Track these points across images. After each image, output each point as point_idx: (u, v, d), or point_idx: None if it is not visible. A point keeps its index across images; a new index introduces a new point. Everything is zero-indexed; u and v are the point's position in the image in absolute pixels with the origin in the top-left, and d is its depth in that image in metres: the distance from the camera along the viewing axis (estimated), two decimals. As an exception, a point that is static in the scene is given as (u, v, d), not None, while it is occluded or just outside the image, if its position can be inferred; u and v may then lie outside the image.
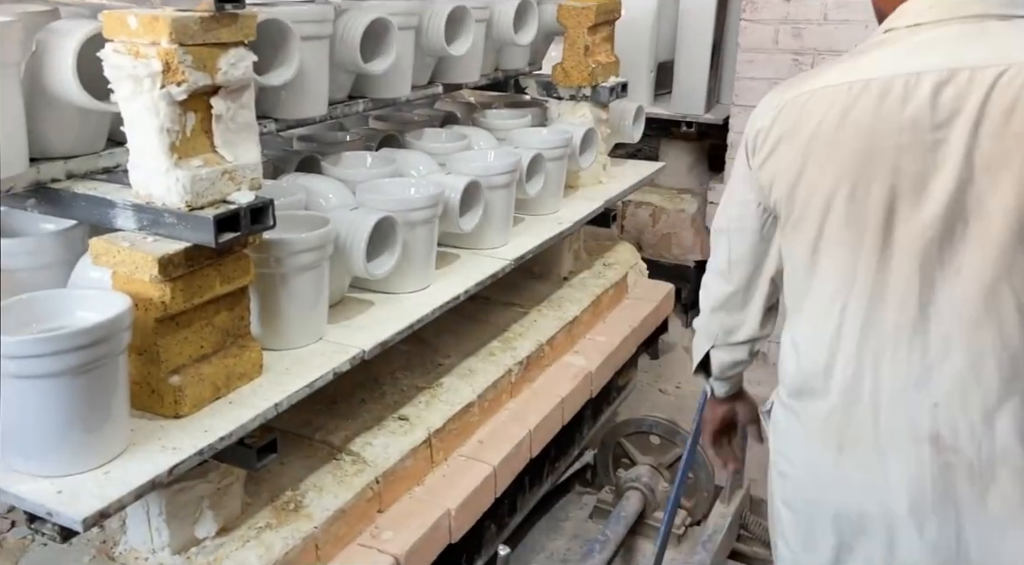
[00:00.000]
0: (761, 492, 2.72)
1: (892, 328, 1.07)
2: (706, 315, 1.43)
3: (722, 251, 1.34)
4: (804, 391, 1.21)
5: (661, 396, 3.33)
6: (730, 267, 1.34)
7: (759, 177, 1.16)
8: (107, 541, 1.42)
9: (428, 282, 1.78)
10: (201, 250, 1.19)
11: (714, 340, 1.45)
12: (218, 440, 1.19)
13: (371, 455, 1.69)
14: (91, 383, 1.08)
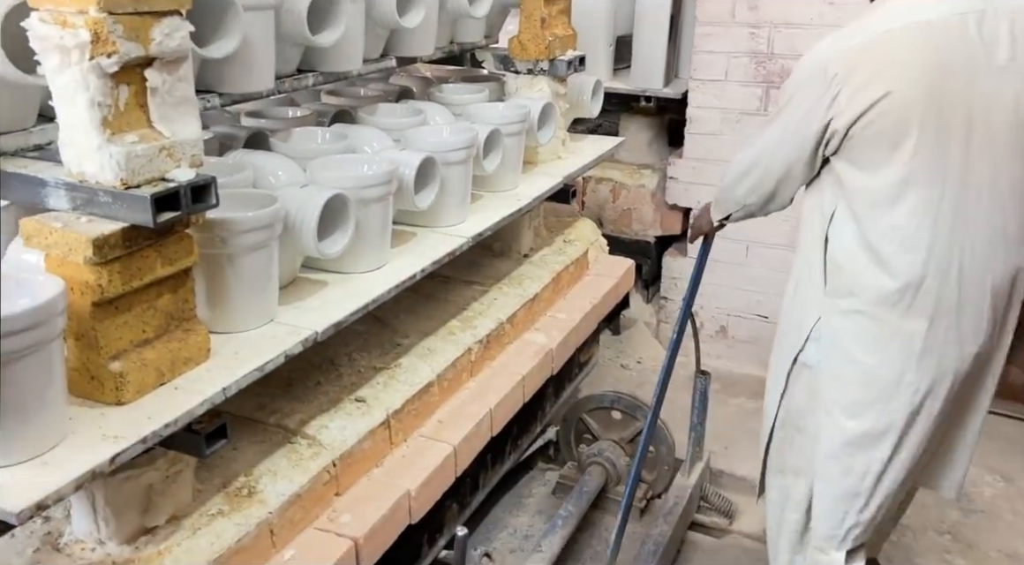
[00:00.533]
0: (721, 464, 2.75)
1: (974, 214, 1.44)
2: (736, 194, 1.71)
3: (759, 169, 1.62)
4: (895, 292, 1.49)
5: (623, 371, 3.34)
6: (762, 184, 1.63)
7: (841, 110, 1.42)
8: (52, 532, 1.37)
9: (383, 261, 1.74)
10: (139, 230, 1.13)
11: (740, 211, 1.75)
12: (163, 427, 1.15)
13: (327, 438, 1.66)
14: (23, 371, 1.03)
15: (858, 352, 1.54)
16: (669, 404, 2.68)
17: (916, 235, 1.45)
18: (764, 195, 1.66)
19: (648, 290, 3.67)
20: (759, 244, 3.16)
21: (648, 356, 3.44)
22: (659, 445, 2.61)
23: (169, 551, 1.33)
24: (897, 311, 1.49)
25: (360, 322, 2.14)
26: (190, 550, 1.34)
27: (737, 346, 3.36)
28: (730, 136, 3.09)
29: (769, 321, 3.26)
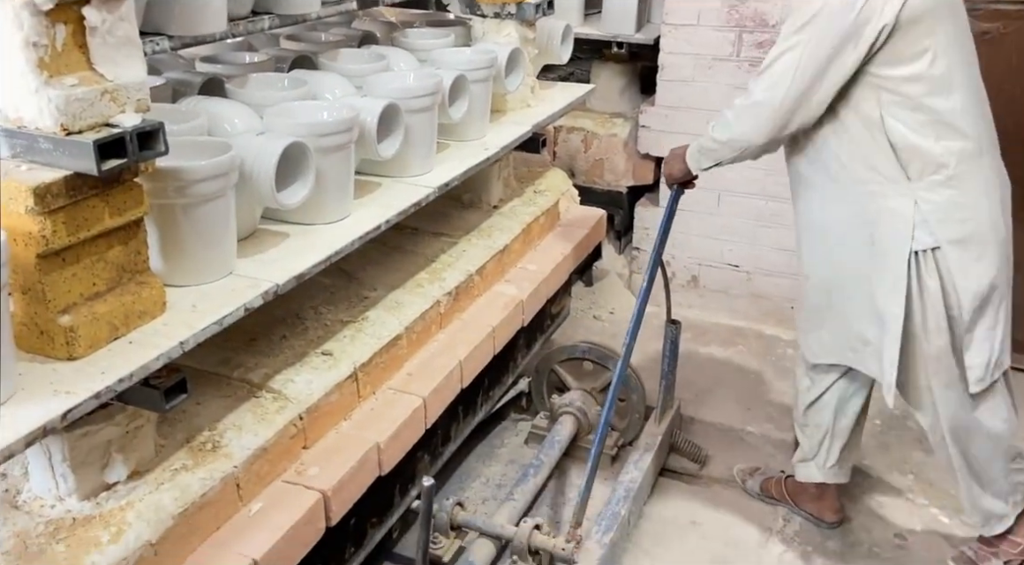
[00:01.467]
0: (692, 411, 2.76)
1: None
2: (731, 140, 1.79)
3: (783, 95, 1.70)
4: (974, 147, 1.71)
5: (595, 322, 3.34)
6: (788, 106, 1.71)
7: (879, 9, 1.59)
8: (9, 490, 1.35)
9: (346, 212, 1.70)
10: (84, 179, 1.09)
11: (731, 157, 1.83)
12: (117, 382, 1.12)
13: (293, 392, 1.64)
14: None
15: (964, 207, 1.73)
16: (641, 353, 2.70)
17: (968, 102, 1.70)
18: (775, 127, 1.73)
19: (620, 241, 3.65)
20: (730, 193, 3.14)
21: (620, 306, 3.44)
22: (630, 393, 2.62)
23: (132, 506, 1.31)
24: (976, 162, 1.72)
25: (326, 275, 2.11)
26: (154, 505, 1.33)
27: (708, 295, 3.36)
28: (703, 83, 3.04)
29: (740, 270, 3.27)
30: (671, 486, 2.51)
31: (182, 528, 1.35)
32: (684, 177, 1.97)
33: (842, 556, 2.21)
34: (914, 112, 1.68)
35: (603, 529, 2.21)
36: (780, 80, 1.70)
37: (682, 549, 2.25)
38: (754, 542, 2.28)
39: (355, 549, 1.91)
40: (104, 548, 1.24)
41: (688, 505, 2.41)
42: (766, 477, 2.44)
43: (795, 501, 2.35)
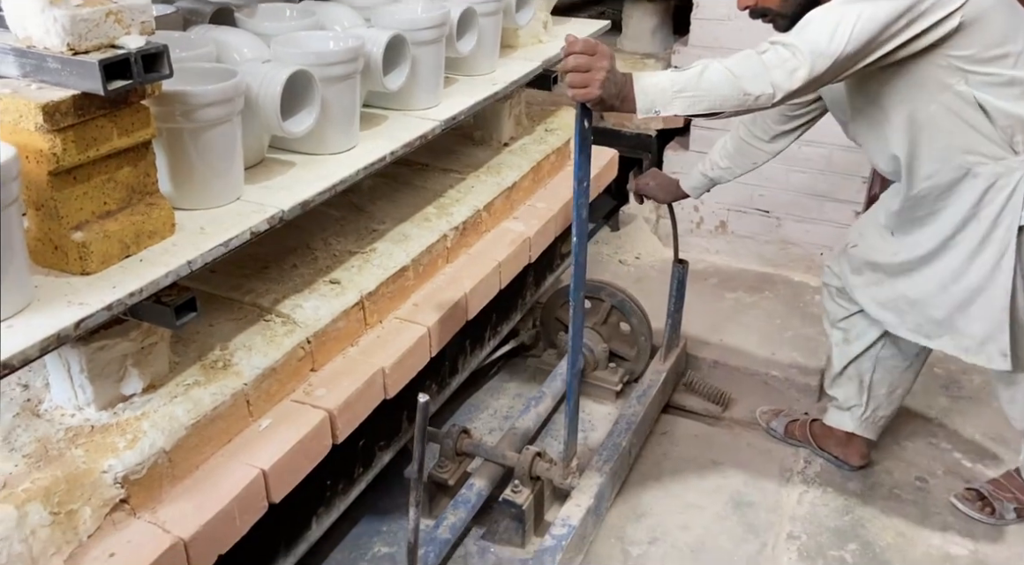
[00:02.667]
0: (716, 355, 2.79)
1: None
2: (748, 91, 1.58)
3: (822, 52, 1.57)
4: None
5: (621, 267, 3.36)
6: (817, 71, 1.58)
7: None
8: (31, 400, 1.42)
9: (352, 143, 1.72)
10: (92, 99, 1.12)
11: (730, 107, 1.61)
12: (127, 296, 1.17)
13: (301, 317, 1.69)
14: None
15: None
16: (658, 294, 2.74)
17: None
18: (809, 82, 1.58)
19: None
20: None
21: (647, 251, 3.45)
22: (638, 335, 2.67)
23: (147, 416, 1.38)
24: None
25: (337, 208, 2.15)
26: (168, 416, 1.39)
27: (737, 241, 3.34)
28: (738, 22, 2.96)
29: (770, 215, 3.23)
30: (693, 427, 2.53)
31: (194, 438, 1.42)
32: (607, 105, 1.58)
33: (862, 497, 2.24)
34: (1008, 86, 1.64)
35: (603, 459, 2.27)
36: (836, 33, 1.57)
37: (701, 487, 2.28)
38: (775, 482, 2.30)
39: (363, 470, 1.99)
40: (120, 453, 1.31)
41: (709, 446, 2.43)
42: (790, 419, 2.46)
43: (820, 443, 2.36)
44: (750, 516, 2.19)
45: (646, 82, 1.58)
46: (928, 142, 1.74)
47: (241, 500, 1.41)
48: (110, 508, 1.29)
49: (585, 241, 1.85)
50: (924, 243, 1.88)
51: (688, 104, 1.57)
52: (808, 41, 1.57)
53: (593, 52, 1.52)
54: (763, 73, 1.56)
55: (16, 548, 1.18)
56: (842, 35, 1.56)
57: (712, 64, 1.60)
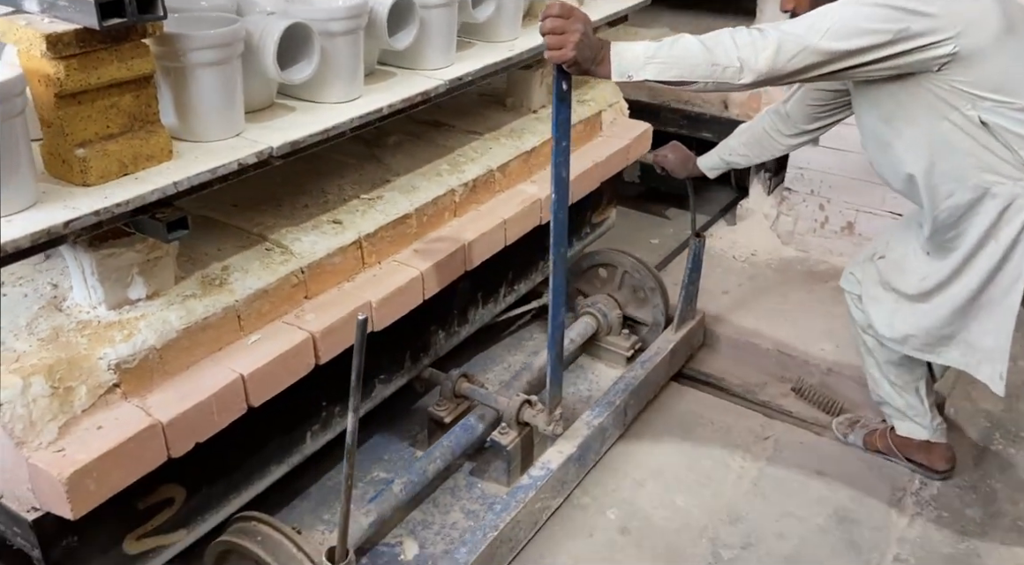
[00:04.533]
0: (809, 356, 2.66)
1: None
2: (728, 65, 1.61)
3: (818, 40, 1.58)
4: None
5: (734, 262, 3.25)
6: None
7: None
8: (57, 297, 1.63)
9: (356, 94, 1.85)
10: (93, 34, 1.29)
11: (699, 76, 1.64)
12: (115, 205, 1.34)
13: (299, 249, 1.84)
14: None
15: None
16: (772, 294, 2.74)
17: None
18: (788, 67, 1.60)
19: (771, 181, 3.44)
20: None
21: (763, 249, 3.31)
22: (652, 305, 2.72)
23: (145, 318, 1.56)
24: None
25: (358, 158, 2.29)
26: (162, 319, 1.57)
27: (864, 244, 3.05)
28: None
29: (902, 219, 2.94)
30: (800, 434, 2.41)
31: (184, 341, 1.59)
32: (582, 67, 1.63)
33: (981, 525, 2.10)
34: (1019, 112, 1.62)
35: (595, 414, 2.35)
36: (815, 25, 1.58)
37: (802, 497, 2.18)
38: (884, 500, 2.17)
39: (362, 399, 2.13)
40: (116, 345, 1.50)
41: (815, 455, 2.32)
42: (868, 429, 2.35)
43: (903, 452, 2.26)
44: (854, 533, 2.07)
45: (621, 48, 1.65)
46: (943, 161, 1.72)
47: (220, 398, 1.58)
48: (104, 390, 1.48)
49: (566, 199, 1.92)
50: (947, 266, 1.83)
51: (659, 70, 1.63)
52: (783, 29, 1.61)
53: (568, 16, 1.59)
54: (732, 49, 1.61)
55: (18, 411, 1.38)
56: (819, 28, 1.59)
57: (687, 36, 1.66)
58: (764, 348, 2.71)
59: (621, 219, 3.56)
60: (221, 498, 1.81)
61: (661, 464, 2.31)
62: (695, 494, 2.20)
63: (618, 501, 2.19)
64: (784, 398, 2.56)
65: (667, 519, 2.13)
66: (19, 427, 1.38)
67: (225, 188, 1.56)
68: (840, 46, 1.57)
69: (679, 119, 3.55)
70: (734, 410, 2.52)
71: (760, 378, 2.65)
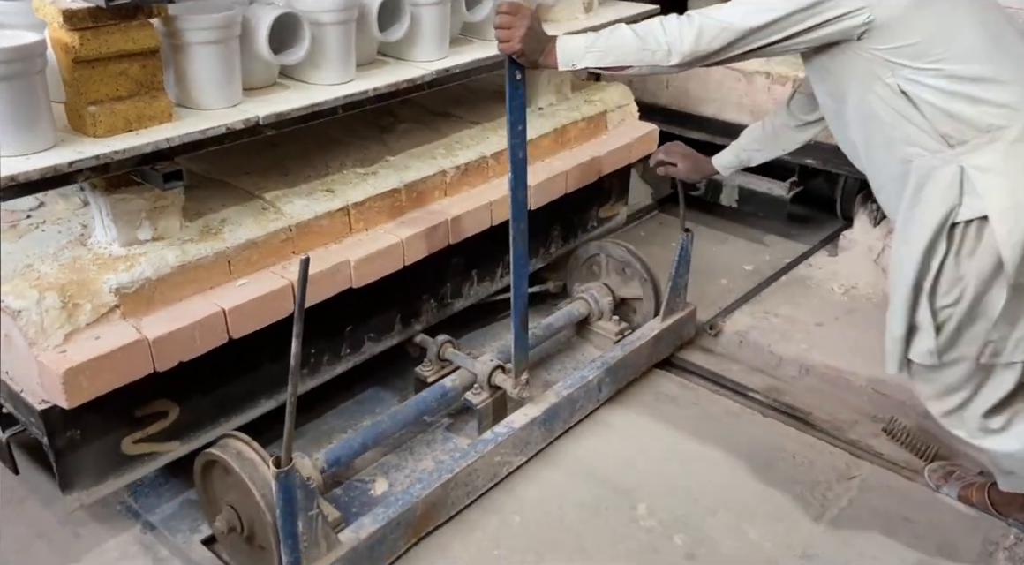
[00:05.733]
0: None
1: None
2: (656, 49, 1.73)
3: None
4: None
5: (832, 294, 3.11)
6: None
7: None
8: (84, 234, 1.92)
9: (349, 78, 2.07)
10: (103, 12, 1.56)
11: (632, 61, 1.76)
12: (112, 152, 1.60)
13: (289, 210, 2.08)
14: (19, 90, 1.51)
15: (1015, 172, 1.61)
16: (874, 330, 2.41)
17: (993, 45, 1.59)
18: (713, 50, 1.69)
19: (878, 212, 3.23)
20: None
21: (865, 282, 3.15)
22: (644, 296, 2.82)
23: (146, 255, 1.83)
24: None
25: (366, 140, 2.52)
26: (160, 257, 1.83)
27: None
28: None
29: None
30: (889, 478, 2.26)
31: (178, 277, 1.85)
32: (530, 59, 1.80)
33: None
34: (937, 78, 1.60)
35: (566, 385, 2.48)
36: (735, 7, 1.67)
37: (885, 543, 2.05)
38: (974, 553, 2.02)
39: (351, 352, 2.35)
40: (119, 274, 1.76)
41: (904, 501, 2.18)
42: (965, 482, 2.18)
43: (1001, 510, 2.09)
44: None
45: (564, 40, 1.83)
46: (875, 132, 1.75)
47: (202, 325, 1.82)
48: (106, 310, 1.75)
49: (524, 180, 2.08)
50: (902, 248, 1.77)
51: (598, 58, 1.80)
52: (707, 12, 1.71)
53: (516, 13, 1.79)
54: (661, 34, 1.73)
55: (33, 317, 1.66)
56: (739, 7, 1.68)
57: (622, 26, 1.80)
58: (857, 385, 2.60)
59: (717, 244, 3.60)
60: (211, 420, 2.06)
61: (735, 494, 2.21)
62: (768, 527, 2.10)
63: (687, 527, 2.11)
64: (874, 438, 2.40)
65: (736, 549, 2.04)
66: (32, 331, 1.66)
67: (241, 157, 1.81)
68: (755, 21, 1.64)
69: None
70: (819, 446, 2.38)
71: (850, 415, 2.51)
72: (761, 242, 3.66)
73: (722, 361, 2.83)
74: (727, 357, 2.84)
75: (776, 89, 3.22)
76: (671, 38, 1.71)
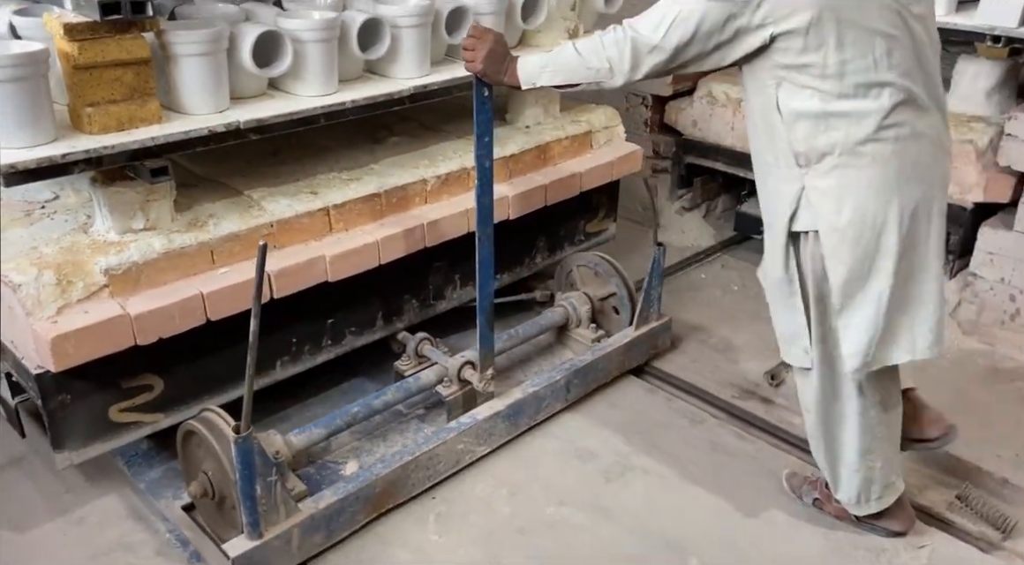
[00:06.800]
0: (985, 466, 2.34)
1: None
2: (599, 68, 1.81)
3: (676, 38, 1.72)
4: (871, 132, 1.68)
5: None
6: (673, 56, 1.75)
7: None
8: (87, 224, 2.11)
9: (330, 90, 2.23)
10: (100, 25, 1.75)
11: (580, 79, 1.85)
12: (102, 148, 1.78)
13: (272, 208, 2.23)
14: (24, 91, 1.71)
15: (847, 198, 1.71)
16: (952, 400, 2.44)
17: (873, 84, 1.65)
18: (649, 69, 1.76)
19: (954, 263, 3.10)
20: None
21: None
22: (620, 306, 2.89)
23: (136, 242, 2.00)
24: (871, 148, 1.68)
25: (357, 150, 2.68)
26: (147, 244, 2.00)
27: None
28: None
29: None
30: (962, 549, 2.10)
31: (162, 263, 2.02)
32: (492, 78, 1.93)
33: None
34: (813, 98, 1.67)
35: (533, 383, 2.57)
36: (660, 24, 1.71)
37: None
38: None
39: (331, 343, 2.49)
40: (109, 257, 1.94)
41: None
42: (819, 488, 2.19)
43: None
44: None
45: (523, 61, 1.96)
46: (753, 138, 1.84)
47: (181, 306, 1.99)
48: (96, 288, 1.92)
49: (490, 188, 2.20)
50: None
51: (551, 77, 1.91)
52: (636, 27, 1.78)
53: (480, 36, 1.94)
54: (601, 51, 1.82)
55: (31, 291, 1.84)
56: (662, 27, 1.73)
57: (568, 45, 1.90)
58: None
59: None
60: (194, 396, 2.21)
61: (796, 554, 2.09)
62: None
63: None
64: (946, 506, 2.23)
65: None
66: (30, 302, 1.84)
67: (242, 162, 1.96)
68: (677, 38, 1.69)
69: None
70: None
71: (920, 480, 2.32)
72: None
73: (782, 413, 2.60)
74: (788, 409, 2.59)
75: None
76: (611, 56, 1.78)
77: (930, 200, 1.75)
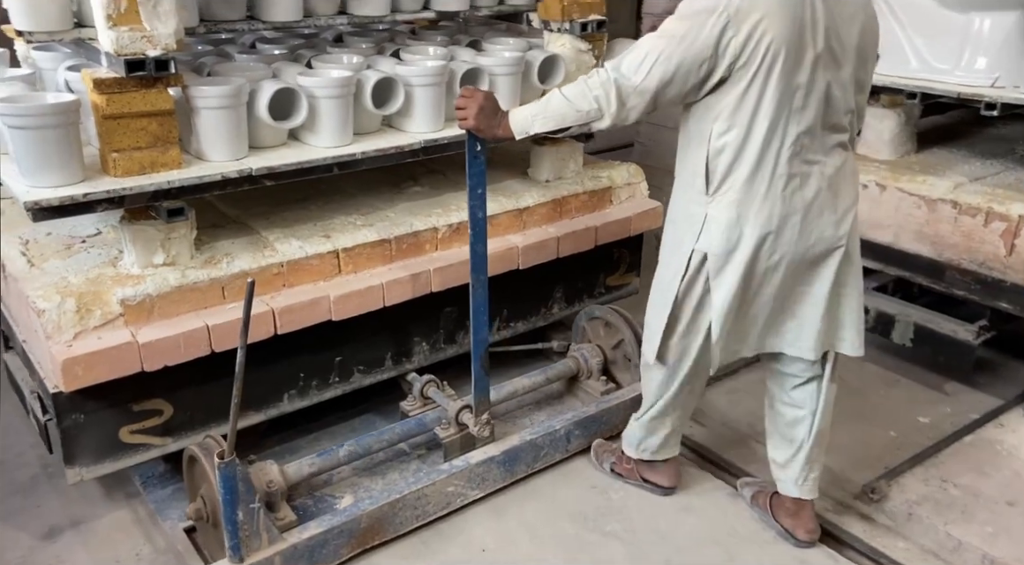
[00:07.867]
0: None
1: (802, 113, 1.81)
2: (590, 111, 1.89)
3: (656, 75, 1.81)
4: (751, 172, 1.84)
5: (1010, 459, 2.53)
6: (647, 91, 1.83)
7: (732, 42, 1.71)
8: (116, 258, 2.26)
9: (345, 141, 2.33)
10: (127, 81, 1.90)
11: (571, 122, 1.93)
12: (122, 188, 1.92)
13: (283, 249, 2.33)
14: (56, 138, 1.87)
15: (733, 226, 1.87)
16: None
17: (766, 130, 1.79)
18: (636, 107, 1.83)
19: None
20: None
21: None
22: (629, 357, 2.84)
23: (152, 276, 2.13)
24: (752, 184, 1.83)
25: (376, 198, 2.77)
26: (163, 278, 2.12)
27: None
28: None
29: None
30: None
31: (175, 296, 2.13)
32: (486, 133, 2.02)
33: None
34: (724, 135, 1.81)
35: (532, 431, 2.55)
36: (641, 65, 1.78)
37: None
38: None
39: (339, 380, 2.55)
40: (126, 289, 2.07)
41: None
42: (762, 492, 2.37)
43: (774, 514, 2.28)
44: None
45: (515, 113, 2.03)
46: (679, 161, 1.94)
47: (187, 337, 2.09)
48: (112, 317, 2.05)
49: (483, 236, 2.23)
50: None
51: (543, 124, 1.98)
52: (618, 68, 1.83)
53: (470, 95, 2.03)
54: (587, 93, 1.87)
55: (53, 317, 1.98)
56: (644, 68, 1.79)
57: (556, 92, 1.96)
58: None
59: (886, 386, 2.97)
60: (202, 423, 2.29)
61: None
62: None
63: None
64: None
65: None
66: (50, 327, 1.97)
67: (268, 206, 2.15)
68: (659, 78, 1.77)
69: (969, 282, 2.81)
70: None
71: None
72: (941, 390, 2.95)
73: (885, 535, 2.27)
74: (892, 531, 2.29)
75: (964, 220, 2.78)
76: (599, 97, 1.83)
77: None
